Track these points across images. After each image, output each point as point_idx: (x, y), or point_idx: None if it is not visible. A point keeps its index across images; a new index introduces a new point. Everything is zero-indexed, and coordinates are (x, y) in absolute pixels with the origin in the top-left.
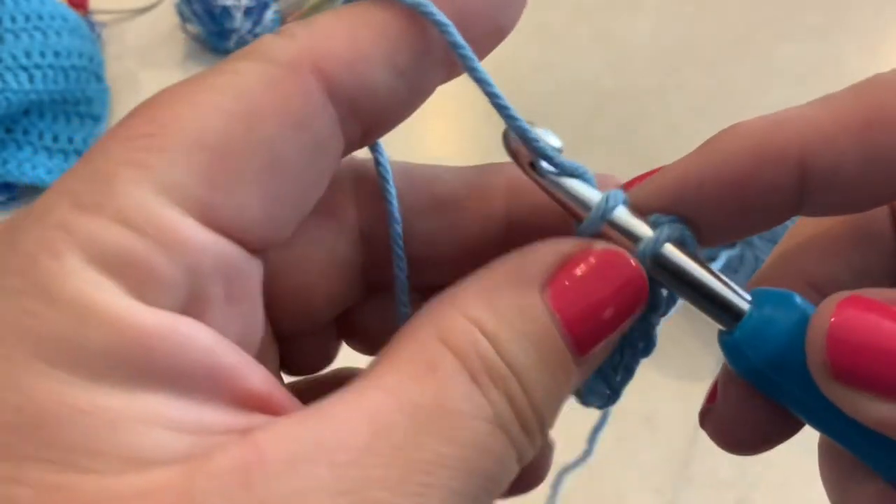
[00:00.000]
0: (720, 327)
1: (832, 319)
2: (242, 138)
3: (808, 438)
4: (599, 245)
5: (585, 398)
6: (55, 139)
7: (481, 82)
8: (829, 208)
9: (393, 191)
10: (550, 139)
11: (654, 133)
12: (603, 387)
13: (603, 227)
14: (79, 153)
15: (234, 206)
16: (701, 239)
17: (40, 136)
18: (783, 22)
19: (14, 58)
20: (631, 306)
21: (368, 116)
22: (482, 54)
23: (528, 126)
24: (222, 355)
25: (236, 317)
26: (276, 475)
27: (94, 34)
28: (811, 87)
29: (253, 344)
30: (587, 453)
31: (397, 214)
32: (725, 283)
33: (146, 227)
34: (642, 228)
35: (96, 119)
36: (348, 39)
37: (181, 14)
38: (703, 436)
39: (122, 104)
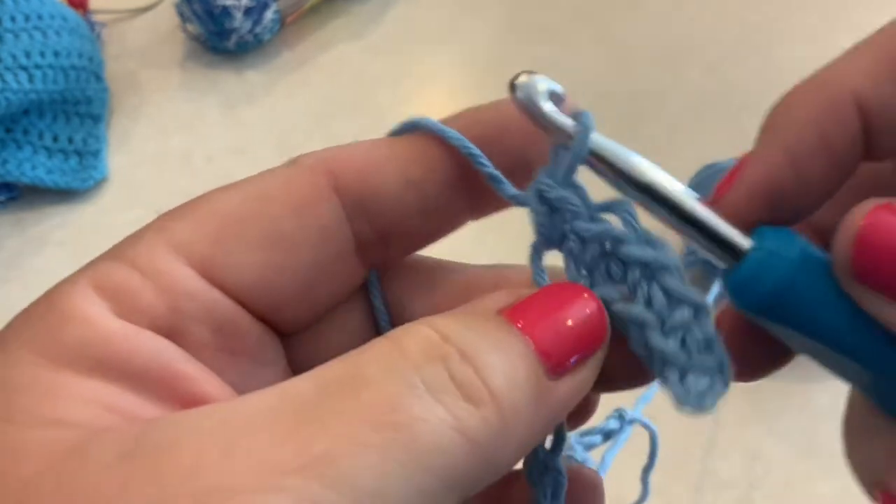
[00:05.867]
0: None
1: (863, 222)
2: (251, 211)
3: (808, 439)
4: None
5: None
6: (55, 139)
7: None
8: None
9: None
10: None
11: (654, 133)
12: None
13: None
14: (79, 153)
15: (232, 263)
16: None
17: (40, 136)
18: (783, 22)
19: (14, 58)
20: (593, 332)
21: (378, 217)
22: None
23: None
24: (180, 365)
25: (233, 368)
26: (149, 434)
27: (94, 34)
28: None
29: None
30: (644, 495)
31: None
32: (725, 222)
33: (146, 268)
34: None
35: (96, 119)
36: (364, 152)
37: (181, 14)
38: (704, 436)
39: (122, 104)
